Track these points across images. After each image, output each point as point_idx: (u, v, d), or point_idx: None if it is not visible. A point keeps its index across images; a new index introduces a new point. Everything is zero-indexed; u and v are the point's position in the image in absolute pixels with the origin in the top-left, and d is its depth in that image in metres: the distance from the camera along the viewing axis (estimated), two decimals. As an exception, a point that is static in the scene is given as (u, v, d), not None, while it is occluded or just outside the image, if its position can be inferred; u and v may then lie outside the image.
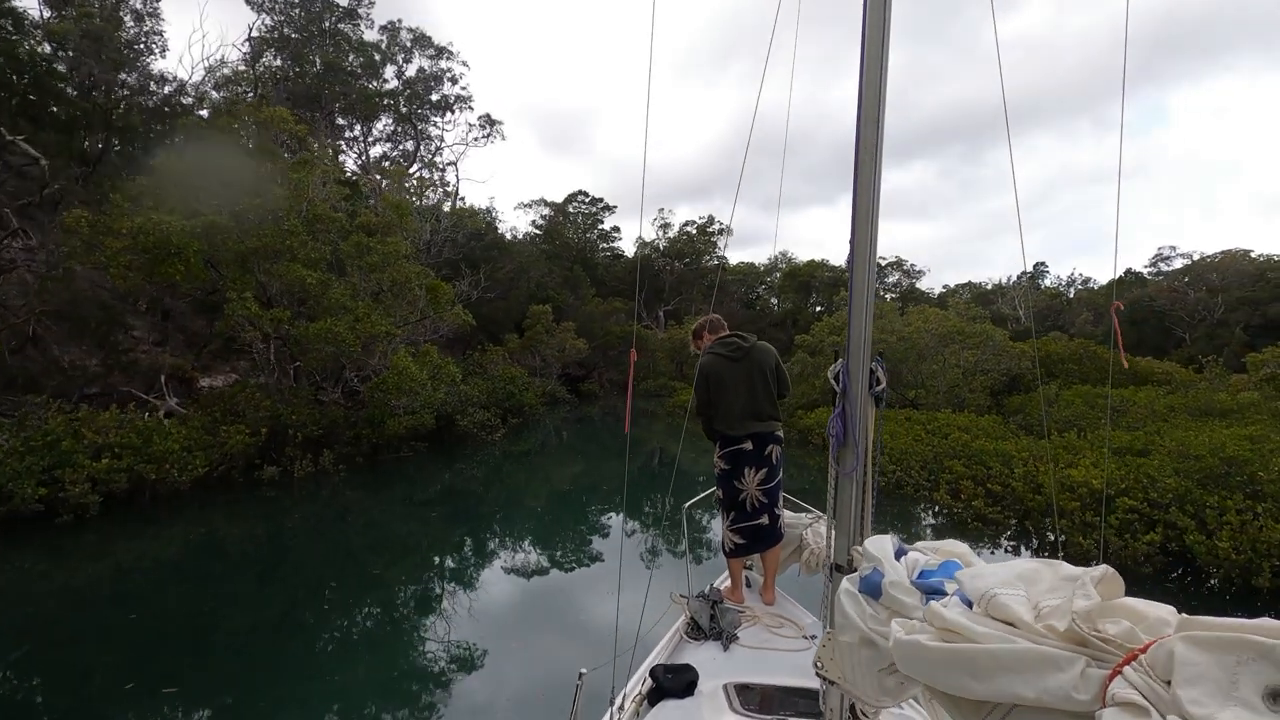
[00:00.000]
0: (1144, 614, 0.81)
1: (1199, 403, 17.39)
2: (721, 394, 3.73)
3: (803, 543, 3.89)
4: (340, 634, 6.17)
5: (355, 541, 9.48)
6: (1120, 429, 15.33)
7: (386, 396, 12.72)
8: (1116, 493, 8.91)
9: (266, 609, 6.89)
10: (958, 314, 24.14)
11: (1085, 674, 0.78)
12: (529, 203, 43.34)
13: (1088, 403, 18.35)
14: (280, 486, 11.26)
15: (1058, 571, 0.94)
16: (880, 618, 1.15)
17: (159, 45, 24.92)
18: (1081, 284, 51.25)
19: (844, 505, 1.69)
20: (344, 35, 31.33)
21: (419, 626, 6.47)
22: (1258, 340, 41.39)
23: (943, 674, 0.94)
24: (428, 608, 6.96)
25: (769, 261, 48.24)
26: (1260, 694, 0.60)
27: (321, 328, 12.33)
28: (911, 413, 18.23)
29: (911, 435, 14.86)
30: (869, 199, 1.58)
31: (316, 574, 8.08)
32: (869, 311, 1.63)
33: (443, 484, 13.40)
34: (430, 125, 35.09)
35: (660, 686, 2.66)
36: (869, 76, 1.59)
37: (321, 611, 6.77)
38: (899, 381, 22.25)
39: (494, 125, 33.51)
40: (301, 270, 12.78)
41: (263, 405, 11.80)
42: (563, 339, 27.73)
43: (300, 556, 8.81)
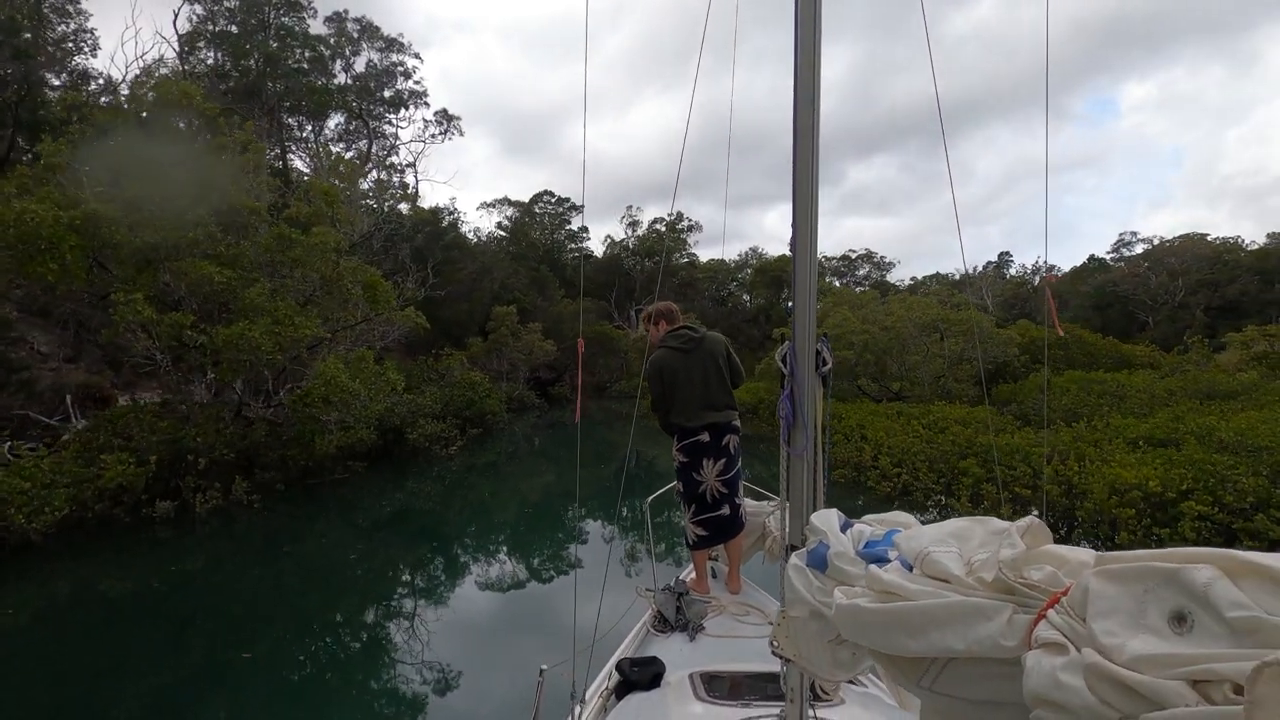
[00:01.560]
0: (1066, 558, 0.80)
1: (1200, 385, 16.05)
2: (675, 387, 3.65)
3: (765, 530, 3.81)
4: (270, 684, 5.22)
5: (280, 580, 7.76)
6: (1128, 416, 13.87)
7: (313, 411, 10.63)
8: (1177, 495, 7.27)
9: (152, 675, 5.20)
10: (940, 301, 22.67)
11: (1012, 620, 0.77)
12: (493, 202, 41.09)
13: (1083, 388, 16.94)
14: (178, 525, 9.11)
15: (988, 527, 0.95)
16: (826, 589, 1.11)
17: (89, 43, 22.62)
18: (1047, 271, 50.56)
19: (796, 486, 1.66)
20: (288, 29, 28.93)
21: (369, 657, 5.82)
22: (1218, 321, 41.13)
23: (881, 635, 0.93)
24: (377, 638, 6.24)
25: (739, 258, 46.70)
26: (1166, 619, 0.60)
27: (232, 334, 10.20)
28: (902, 406, 16.61)
29: (909, 431, 13.20)
30: (808, 184, 1.56)
31: (223, 625, 6.38)
32: (813, 295, 1.60)
33: (391, 505, 11.38)
34: (384, 123, 32.83)
35: (627, 680, 2.58)
36: (803, 66, 1.54)
37: (236, 668, 5.42)
38: (883, 373, 20.69)
39: (451, 121, 31.35)
40: (208, 267, 10.64)
41: (159, 428, 9.65)
42: (530, 341, 25.67)
43: (200, 607, 6.85)
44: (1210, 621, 0.57)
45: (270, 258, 11.67)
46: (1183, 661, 0.56)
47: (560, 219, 43.35)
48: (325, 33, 30.59)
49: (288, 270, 11.89)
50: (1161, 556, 0.63)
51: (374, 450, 13.87)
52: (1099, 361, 20.79)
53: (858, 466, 11.96)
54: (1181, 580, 0.59)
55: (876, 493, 10.78)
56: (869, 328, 19.75)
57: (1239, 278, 42.50)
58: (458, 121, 31.32)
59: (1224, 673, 0.53)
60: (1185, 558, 0.61)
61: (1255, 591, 0.56)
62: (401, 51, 29.89)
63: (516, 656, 5.57)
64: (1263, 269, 42.42)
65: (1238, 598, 0.55)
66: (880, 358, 19.94)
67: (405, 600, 7.35)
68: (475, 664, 5.54)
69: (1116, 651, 0.61)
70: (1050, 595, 0.74)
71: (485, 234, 39.05)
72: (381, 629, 6.46)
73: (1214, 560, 0.59)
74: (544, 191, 42.78)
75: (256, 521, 9.70)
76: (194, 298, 11.36)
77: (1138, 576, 0.63)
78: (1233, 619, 0.55)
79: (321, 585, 7.72)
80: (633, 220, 42.52)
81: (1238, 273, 42.88)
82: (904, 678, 0.94)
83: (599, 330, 31.87)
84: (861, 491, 11.06)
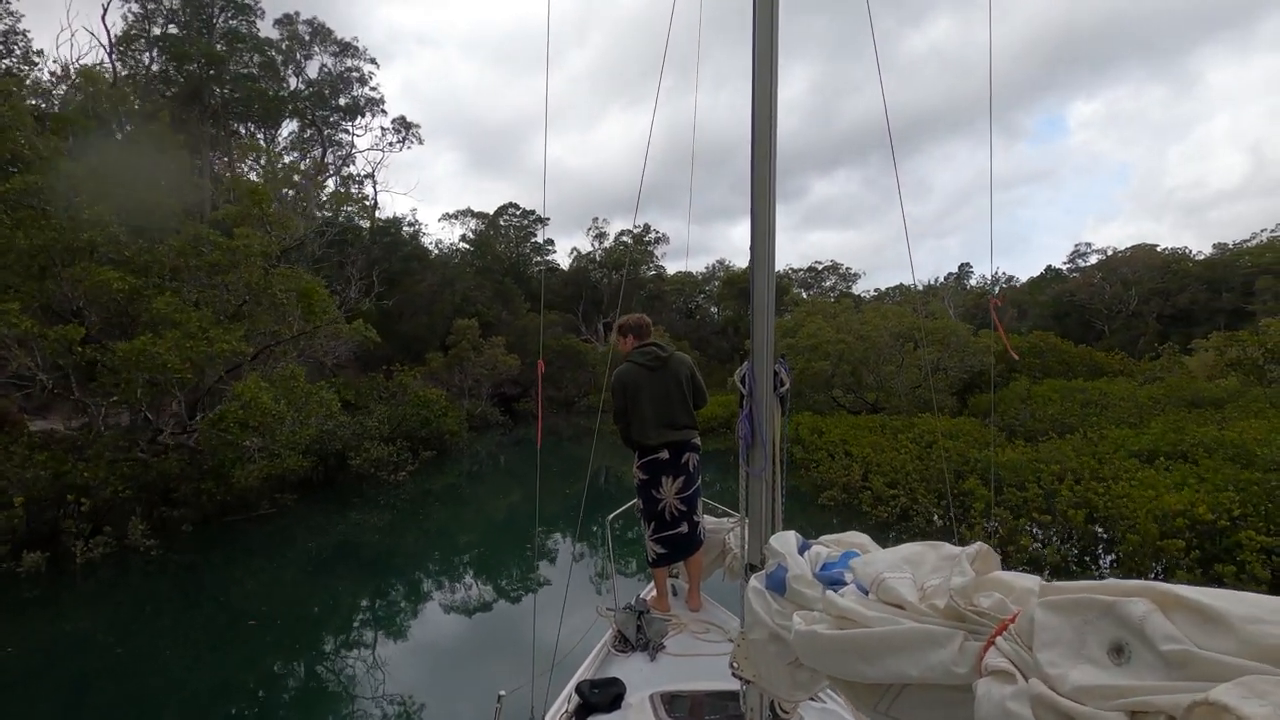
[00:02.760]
0: (1013, 585, 0.81)
1: (1184, 393, 15.35)
2: (637, 404, 3.60)
3: (725, 547, 3.72)
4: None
5: (182, 636, 6.26)
6: (1117, 425, 13.01)
7: (229, 436, 9.02)
8: (1228, 520, 6.20)
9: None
10: (913, 310, 21.84)
11: (963, 648, 0.77)
12: (454, 213, 39.35)
13: (1065, 397, 16.13)
14: (51, 580, 7.43)
15: (940, 552, 0.94)
16: (785, 612, 1.12)
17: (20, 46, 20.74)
18: (1005, 282, 50.82)
19: (755, 505, 1.65)
20: (234, 32, 27.13)
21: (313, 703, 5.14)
22: (1169, 329, 41.58)
23: (838, 661, 0.93)
24: (320, 683, 5.57)
25: (706, 270, 45.81)
26: (1105, 649, 0.61)
27: (132, 350, 8.58)
28: (884, 419, 15.54)
29: (897, 447, 12.10)
30: (766, 204, 1.54)
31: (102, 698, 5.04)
32: (770, 315, 1.59)
33: (330, 540, 9.78)
34: (340, 131, 31.10)
35: (587, 702, 2.47)
36: (760, 86, 1.53)
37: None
38: (859, 384, 19.70)
39: (410, 129, 29.79)
40: (106, 273, 9.01)
41: (35, 461, 7.96)
42: (492, 355, 24.11)
43: (66, 680, 5.25)
44: (1146, 653, 0.58)
45: (185, 263, 10.05)
46: (1121, 693, 0.57)
47: (525, 231, 41.89)
48: (276, 37, 28.89)
49: (206, 277, 10.27)
50: (1098, 589, 0.65)
51: (311, 479, 12.24)
52: (1074, 369, 20.13)
53: (847, 488, 10.77)
54: (1119, 613, 0.61)
55: (872, 518, 9.58)
56: (845, 337, 18.75)
57: (1188, 287, 43.20)
58: (416, 129, 29.81)
59: (1159, 704, 0.54)
60: (1122, 590, 0.63)
61: (1185, 625, 0.57)
62: (357, 56, 28.31)
63: (476, 683, 5.29)
64: (1210, 278, 43.17)
65: (1171, 631, 0.57)
66: (856, 368, 18.95)
67: (352, 640, 6.50)
68: (434, 693, 5.23)
69: (1060, 681, 0.62)
70: (999, 622, 0.75)
71: (448, 246, 37.37)
72: (325, 673, 5.74)
73: (1147, 594, 0.61)
74: (509, 204, 41.31)
75: (156, 569, 8.05)
76: (93, 309, 9.69)
77: (1078, 608, 0.65)
78: (1166, 652, 0.56)
79: (231, 639, 6.24)
80: (599, 232, 41.31)
81: (1187, 282, 43.59)
82: (861, 703, 0.92)
83: (566, 344, 30.44)
84: (856, 516, 9.84)
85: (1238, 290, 41.14)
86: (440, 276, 27.61)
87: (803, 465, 13.60)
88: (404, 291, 25.79)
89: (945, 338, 18.77)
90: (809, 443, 14.24)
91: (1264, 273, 39.65)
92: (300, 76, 27.76)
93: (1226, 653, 0.53)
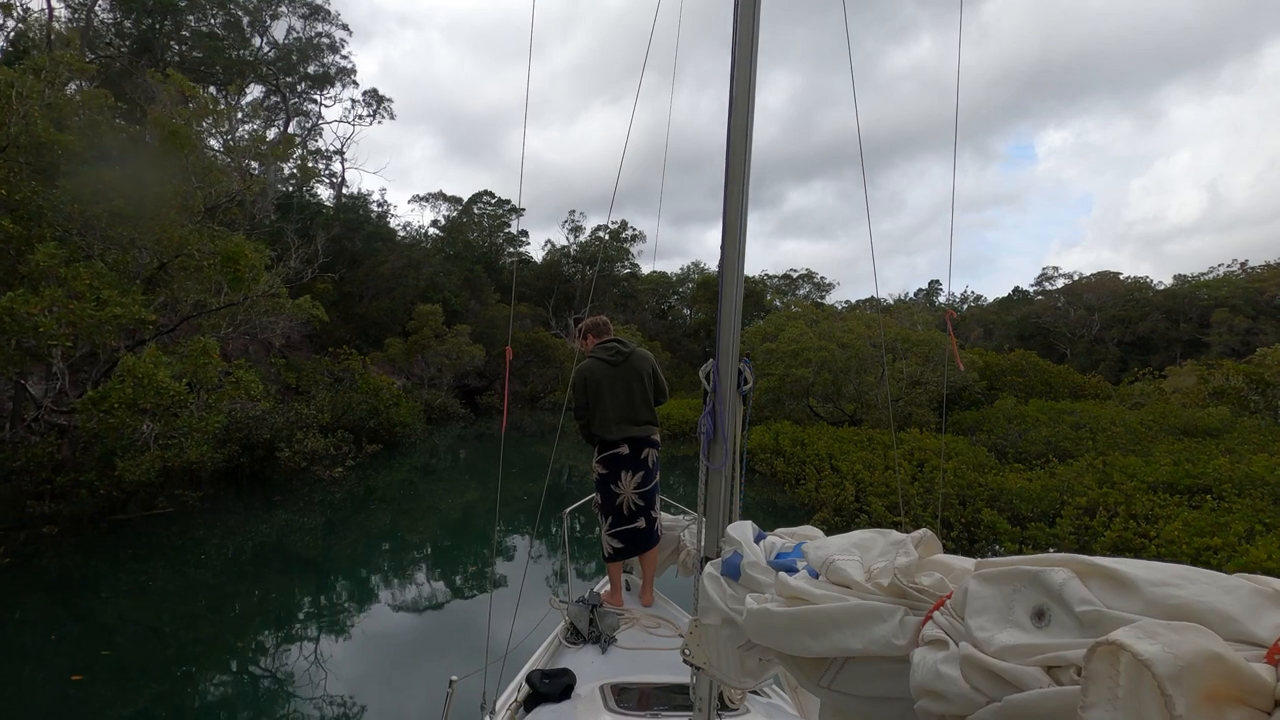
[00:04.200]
0: (951, 566, 0.85)
1: (1176, 421, 14.51)
2: (599, 398, 3.55)
3: (680, 544, 3.70)
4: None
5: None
6: (1110, 451, 12.03)
7: (114, 420, 7.28)
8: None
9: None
10: (897, 320, 20.81)
11: (903, 622, 0.80)
12: (426, 196, 37.27)
13: (1054, 419, 15.18)
14: None
15: (888, 538, 0.96)
16: (739, 597, 1.13)
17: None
18: (973, 301, 50.71)
19: (714, 499, 1.64)
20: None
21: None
22: (1129, 355, 41.86)
23: (786, 637, 0.95)
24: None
25: (681, 271, 44.55)
26: (1029, 614, 0.64)
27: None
28: (872, 433, 14.35)
29: (887, 464, 10.88)
30: (738, 202, 1.54)
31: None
32: (737, 314, 1.59)
33: (238, 543, 8.11)
34: (307, 101, 28.96)
35: (537, 691, 2.44)
36: (738, 90, 1.53)
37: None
38: (839, 394, 18.55)
39: (381, 103, 27.82)
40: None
41: None
42: (456, 344, 22.35)
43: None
44: (1064, 616, 0.61)
45: (80, 210, 8.27)
46: (1039, 650, 0.60)
47: (499, 221, 40.04)
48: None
49: (108, 227, 8.50)
50: (1027, 561, 0.67)
51: (238, 472, 10.51)
52: (1056, 390, 19.31)
53: (840, 509, 9.48)
54: (1042, 581, 0.64)
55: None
56: (828, 344, 17.57)
57: (1149, 315, 43.58)
58: (389, 104, 27.85)
59: (1070, 658, 0.57)
60: (1047, 562, 0.66)
61: (1100, 590, 0.60)
62: (328, 21, 26.25)
63: (428, 673, 5.07)
64: (1169, 308, 43.63)
65: (1085, 595, 0.60)
66: (837, 377, 17.78)
67: (267, 654, 5.59)
68: (385, 682, 4.96)
69: (987, 644, 0.65)
70: (937, 598, 0.78)
71: (417, 229, 35.34)
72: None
73: (1069, 564, 0.64)
74: (483, 191, 39.43)
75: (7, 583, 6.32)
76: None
77: (1008, 579, 0.68)
78: (1080, 613, 0.59)
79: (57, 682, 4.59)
80: (575, 225, 39.68)
81: (1147, 310, 43.98)
82: (806, 678, 0.95)
83: (535, 337, 28.82)
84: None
85: (1195, 321, 41.67)
86: (405, 259, 25.71)
87: (785, 479, 12.30)
88: (366, 272, 23.88)
89: (930, 352, 17.73)
90: (791, 454, 12.96)
91: (1220, 305, 40.20)
92: (265, 37, 25.60)
93: (1132, 612, 0.56)
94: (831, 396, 18.55)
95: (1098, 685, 0.50)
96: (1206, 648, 0.48)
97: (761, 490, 12.42)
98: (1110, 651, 0.50)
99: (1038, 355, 41.45)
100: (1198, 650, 0.47)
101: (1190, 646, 0.48)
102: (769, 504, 11.50)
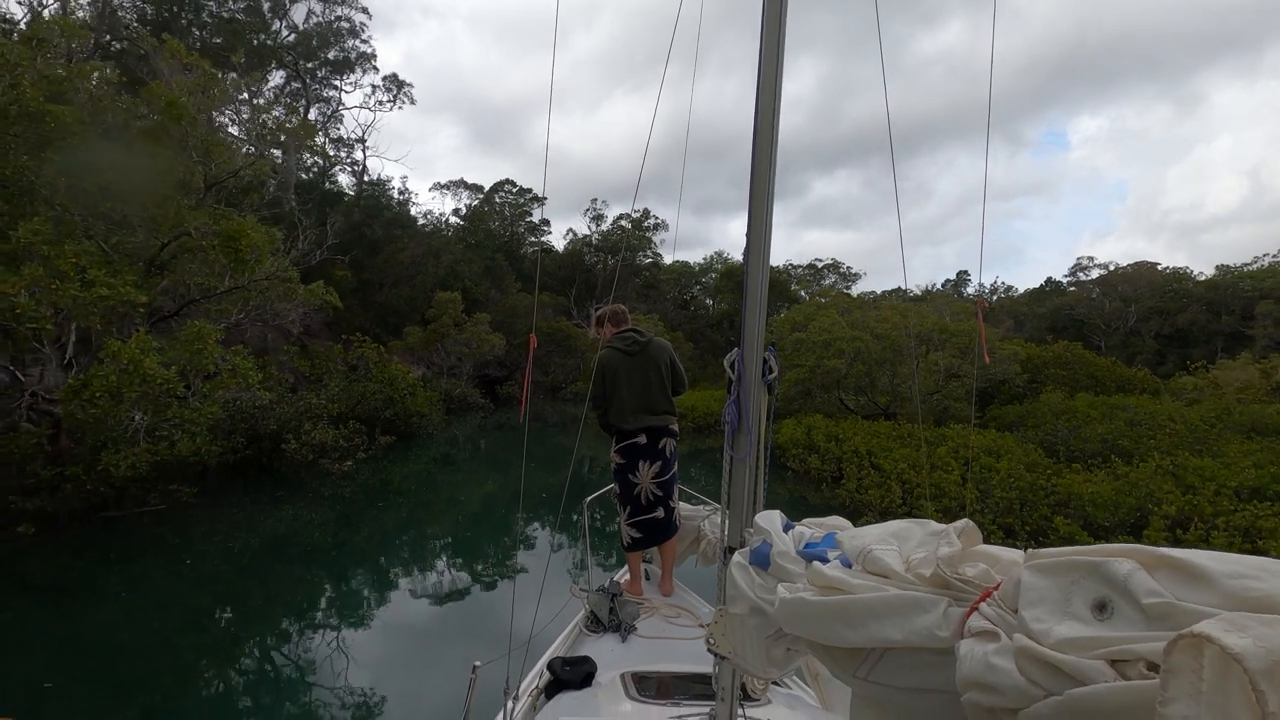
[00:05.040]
0: (998, 557, 0.82)
1: (1243, 418, 13.31)
2: (616, 388, 3.51)
3: (700, 534, 3.62)
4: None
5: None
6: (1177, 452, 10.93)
7: (97, 410, 6.63)
8: None
9: None
10: (935, 310, 19.70)
11: (947, 613, 0.78)
12: (447, 184, 36.63)
13: (1107, 415, 14.06)
14: None
15: (926, 528, 0.95)
16: (769, 586, 1.12)
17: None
18: (1004, 292, 48.97)
19: (738, 489, 1.61)
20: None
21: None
22: (1166, 349, 40.08)
23: (821, 626, 0.93)
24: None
25: (704, 261, 43.50)
26: (1089, 607, 0.62)
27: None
28: (910, 428, 13.36)
29: (934, 463, 9.94)
30: (764, 189, 1.51)
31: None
32: (763, 304, 1.57)
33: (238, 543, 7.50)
34: (328, 87, 28.41)
35: (558, 678, 2.46)
36: (765, 79, 1.50)
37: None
38: (872, 386, 17.55)
39: (401, 88, 27.16)
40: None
41: None
42: (475, 333, 21.68)
43: None
44: (1128, 608, 0.58)
45: (67, 184, 7.62)
46: (1103, 644, 0.58)
47: (521, 210, 39.33)
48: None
49: (99, 201, 7.85)
50: (1084, 552, 0.65)
51: (241, 465, 9.91)
52: (1102, 384, 18.08)
53: (886, 513, 8.58)
54: (1104, 572, 0.61)
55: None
56: (861, 334, 16.56)
57: (1189, 307, 41.69)
58: (409, 89, 27.17)
59: (1139, 652, 0.55)
60: (1107, 553, 0.63)
61: (1167, 581, 0.57)
62: (348, 4, 25.59)
63: (451, 660, 5.02)
64: (1210, 300, 41.69)
65: (1153, 587, 0.57)
66: (871, 369, 16.77)
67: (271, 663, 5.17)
68: (406, 670, 4.86)
69: (1044, 636, 0.62)
70: (983, 590, 0.76)
71: (438, 217, 34.74)
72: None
73: (1132, 555, 0.61)
74: (505, 180, 38.70)
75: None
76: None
77: (1065, 569, 0.65)
78: (1147, 605, 0.56)
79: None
80: (597, 214, 38.80)
81: (1187, 302, 42.07)
82: (840, 668, 0.94)
83: (556, 327, 28.08)
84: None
85: (1237, 314, 39.76)
86: (426, 247, 25.07)
87: (820, 477, 11.40)
88: (385, 259, 23.29)
89: (968, 343, 16.62)
90: (826, 450, 12.05)
91: (1264, 297, 38.23)
92: (284, 20, 25.03)
93: (1207, 604, 0.53)
94: (865, 389, 17.55)
95: (1179, 680, 0.47)
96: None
97: (794, 488, 11.54)
98: (1194, 644, 0.47)
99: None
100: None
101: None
102: (800, 501, 10.65)
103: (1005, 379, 17.49)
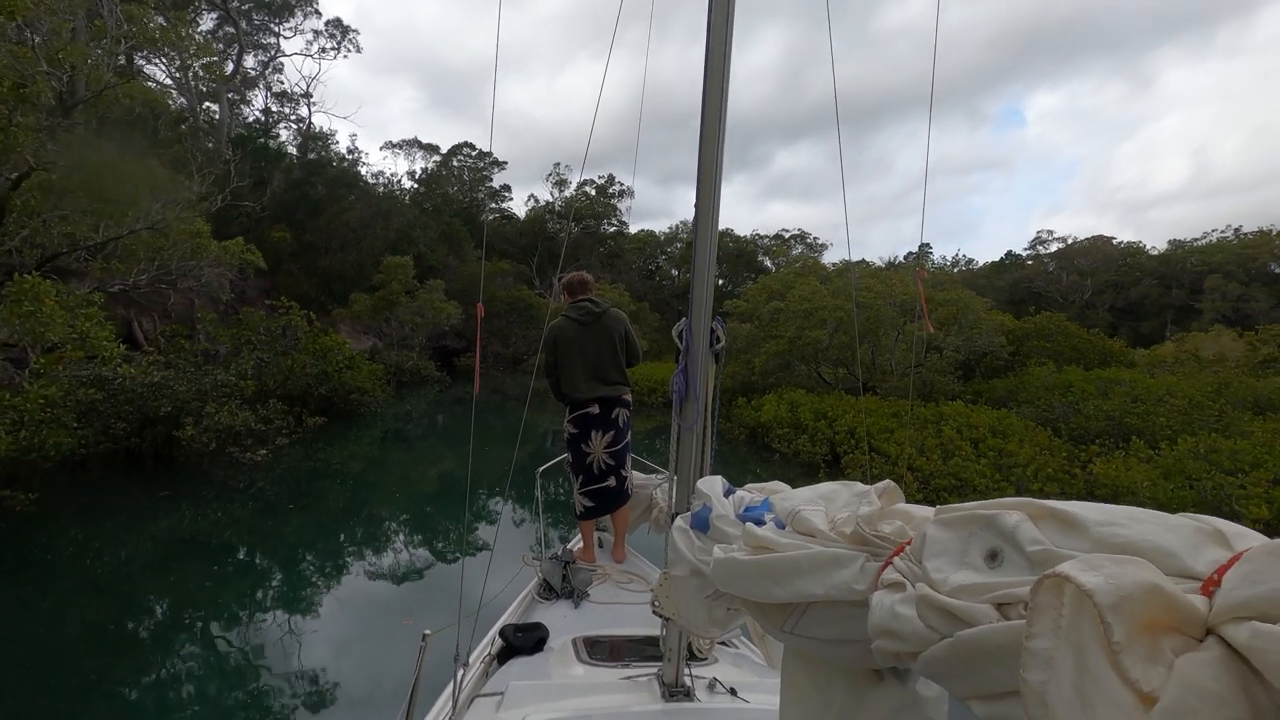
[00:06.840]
0: (913, 514, 0.85)
1: (1244, 392, 12.44)
2: (568, 357, 3.49)
3: (652, 502, 3.68)
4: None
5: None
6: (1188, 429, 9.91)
7: None
8: None
9: None
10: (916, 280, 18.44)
11: (864, 568, 0.81)
12: (399, 143, 33.77)
13: (1103, 390, 13.07)
14: None
15: (852, 489, 0.97)
16: (707, 549, 1.14)
17: None
18: (964, 264, 48.63)
19: (685, 457, 1.63)
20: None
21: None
22: (1120, 321, 40.29)
23: (752, 584, 0.96)
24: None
25: (669, 230, 41.75)
26: (983, 556, 0.64)
27: None
28: (898, 404, 12.09)
29: (942, 440, 8.64)
30: (713, 161, 1.49)
31: None
32: (711, 272, 1.57)
33: (145, 542, 5.72)
34: (265, 33, 25.35)
35: (510, 645, 2.41)
36: (714, 46, 1.47)
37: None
38: (852, 359, 16.28)
39: (346, 34, 24.36)
40: None
41: None
42: (428, 301, 19.63)
43: None
44: (1016, 556, 0.62)
45: None
46: (991, 589, 0.61)
47: (480, 174, 36.79)
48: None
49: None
50: (983, 506, 0.67)
51: (133, 456, 7.99)
52: (1085, 356, 17.22)
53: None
54: (996, 524, 0.64)
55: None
56: (843, 303, 15.20)
57: (1141, 280, 42.10)
58: (355, 35, 24.40)
59: (1019, 595, 0.58)
60: (1001, 505, 0.65)
61: (1049, 531, 0.61)
62: (282, -64, 22.58)
63: (402, 633, 4.78)
64: (1162, 274, 42.18)
65: (1036, 536, 0.60)
66: (853, 340, 15.48)
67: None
68: (358, 645, 4.70)
69: (942, 584, 0.66)
70: (897, 545, 0.79)
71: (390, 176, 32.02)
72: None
73: (1022, 507, 0.64)
74: (464, 143, 36.04)
75: None
76: None
77: (964, 523, 0.68)
78: (1031, 552, 0.60)
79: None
80: (560, 179, 36.52)
81: (1139, 276, 42.46)
82: (770, 623, 0.97)
83: (517, 296, 26.10)
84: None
85: (1186, 287, 40.25)
86: (375, 208, 22.67)
87: (813, 462, 10.02)
88: (328, 220, 20.89)
89: (957, 313, 15.45)
90: (816, 431, 10.66)
91: (1213, 271, 38.72)
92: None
93: (1080, 550, 0.57)
94: (845, 361, 16.28)
95: (1043, 616, 0.51)
96: (1146, 579, 0.48)
97: (783, 474, 10.16)
98: (1056, 584, 0.51)
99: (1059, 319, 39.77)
100: (1137, 581, 0.48)
101: (1130, 578, 0.48)
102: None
103: (989, 350, 16.44)
